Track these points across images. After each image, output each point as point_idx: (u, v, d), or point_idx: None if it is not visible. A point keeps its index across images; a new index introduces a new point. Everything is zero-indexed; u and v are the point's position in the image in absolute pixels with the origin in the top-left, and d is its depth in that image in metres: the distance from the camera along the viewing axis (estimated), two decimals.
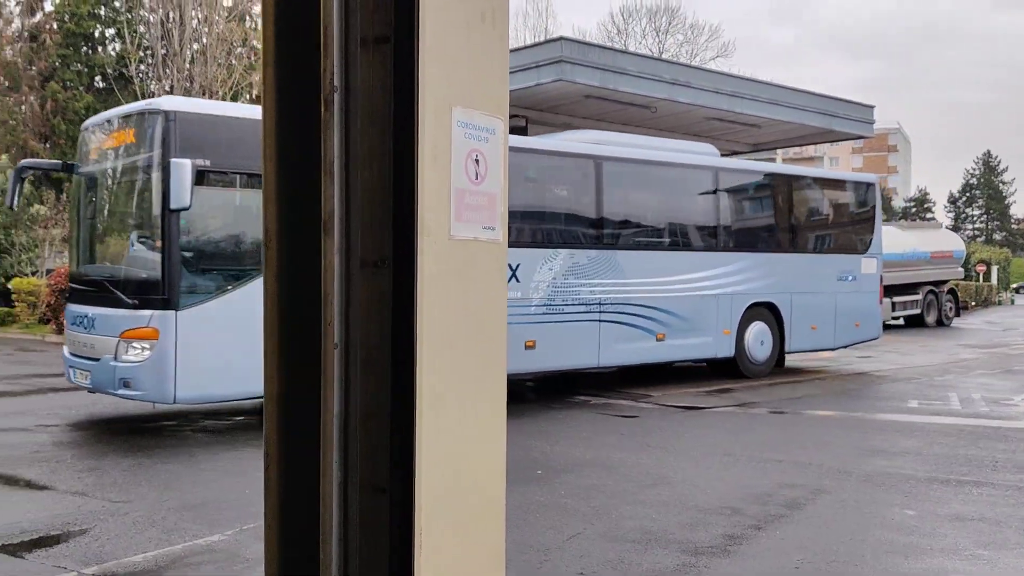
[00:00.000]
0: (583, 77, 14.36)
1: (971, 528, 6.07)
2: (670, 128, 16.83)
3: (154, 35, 27.86)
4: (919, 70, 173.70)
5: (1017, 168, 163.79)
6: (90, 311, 9.35)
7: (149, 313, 8.72)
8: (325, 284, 1.80)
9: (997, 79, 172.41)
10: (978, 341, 23.55)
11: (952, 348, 21.32)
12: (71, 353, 9.63)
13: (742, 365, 14.00)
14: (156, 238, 8.88)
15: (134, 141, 9.19)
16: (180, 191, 8.33)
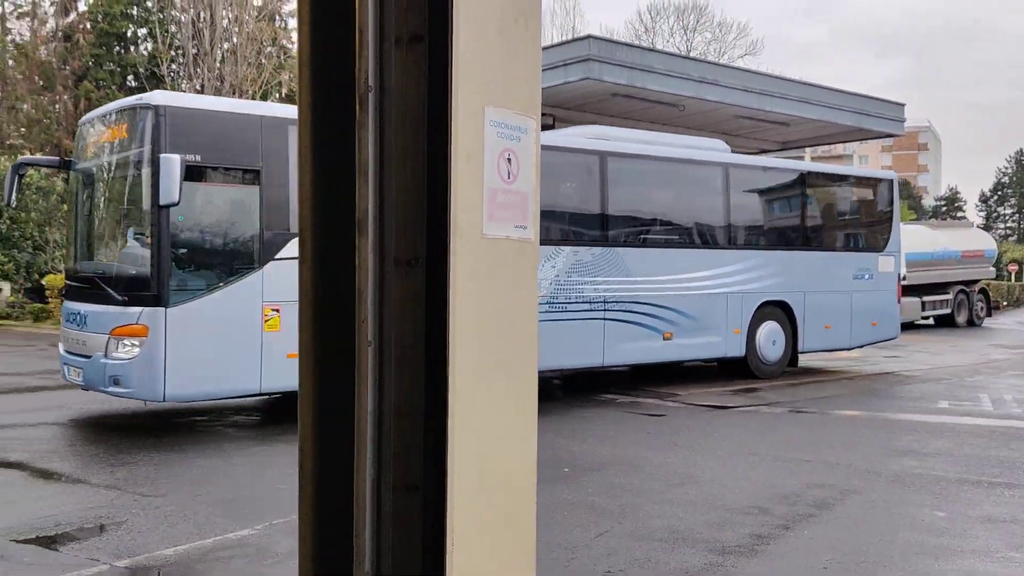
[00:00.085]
0: (611, 75, 14.35)
1: (1003, 530, 6.00)
2: (698, 126, 16.78)
3: (185, 35, 28.13)
4: (950, 68, 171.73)
5: None
6: (82, 308, 9.29)
7: (138, 310, 8.63)
8: (359, 282, 1.82)
9: None
10: (1010, 341, 23.26)
11: (983, 348, 21.06)
12: (66, 350, 9.58)
13: (753, 365, 13.70)
14: (146, 234, 8.78)
15: (126, 136, 9.06)
16: (169, 187, 8.19)
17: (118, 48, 32.87)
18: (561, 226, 11.76)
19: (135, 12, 32.66)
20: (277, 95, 30.35)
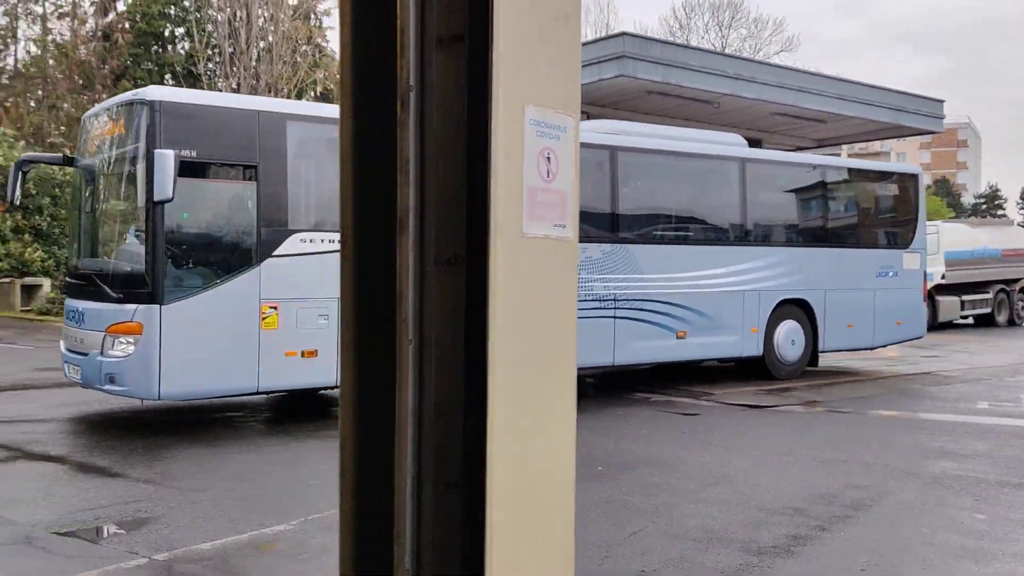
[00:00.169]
0: (645, 72, 14.30)
1: None
2: (733, 123, 16.68)
3: (221, 34, 28.44)
4: (989, 64, 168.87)
5: None
6: (80, 305, 9.26)
7: (133, 307, 8.55)
8: (400, 281, 1.83)
9: None
10: None
11: None
12: (66, 348, 9.53)
13: (771, 365, 13.37)
14: (141, 231, 8.70)
15: (123, 132, 9.02)
16: (163, 182, 8.12)
17: (156, 47, 33.33)
18: None
19: (172, 11, 33.08)
20: (312, 94, 30.57)
